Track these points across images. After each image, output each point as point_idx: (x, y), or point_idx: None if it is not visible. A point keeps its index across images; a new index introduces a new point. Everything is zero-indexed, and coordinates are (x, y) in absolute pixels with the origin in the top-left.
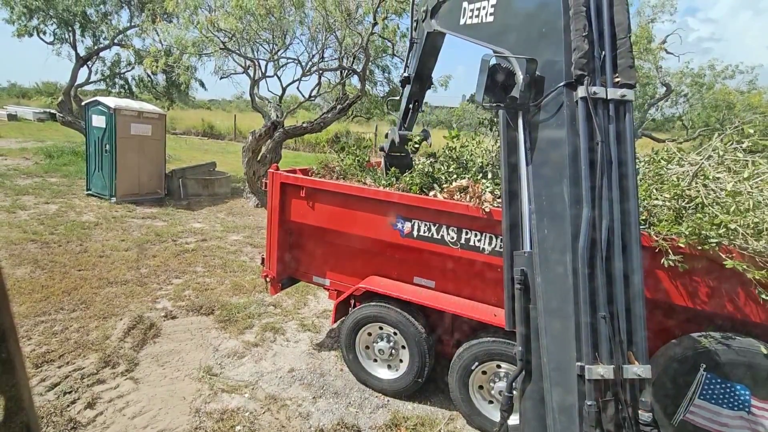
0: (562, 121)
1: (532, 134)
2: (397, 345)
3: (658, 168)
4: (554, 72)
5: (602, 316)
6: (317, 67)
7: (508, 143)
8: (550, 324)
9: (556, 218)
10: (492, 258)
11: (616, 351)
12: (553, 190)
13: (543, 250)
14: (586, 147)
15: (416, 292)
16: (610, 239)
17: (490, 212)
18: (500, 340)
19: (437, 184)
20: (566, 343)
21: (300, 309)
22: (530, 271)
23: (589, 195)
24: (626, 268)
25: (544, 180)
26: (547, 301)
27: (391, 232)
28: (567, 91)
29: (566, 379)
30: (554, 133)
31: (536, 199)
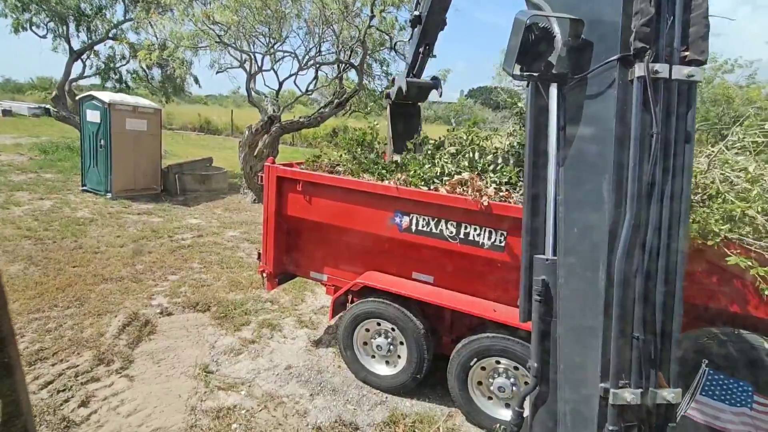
0: (610, 102)
1: (569, 113)
2: (396, 341)
3: None
4: (606, 39)
5: (636, 336)
6: (314, 61)
7: (536, 122)
8: (573, 339)
9: (590, 219)
10: (491, 253)
11: (645, 372)
12: (590, 185)
13: (571, 255)
14: (637, 138)
15: (415, 287)
16: (653, 250)
17: (489, 206)
18: (499, 336)
19: (439, 178)
20: (589, 362)
21: (297, 305)
22: (552, 281)
23: (635, 196)
24: (666, 284)
25: (579, 171)
26: (570, 314)
27: (389, 227)
28: (621, 67)
29: (586, 400)
30: (598, 117)
31: (567, 192)
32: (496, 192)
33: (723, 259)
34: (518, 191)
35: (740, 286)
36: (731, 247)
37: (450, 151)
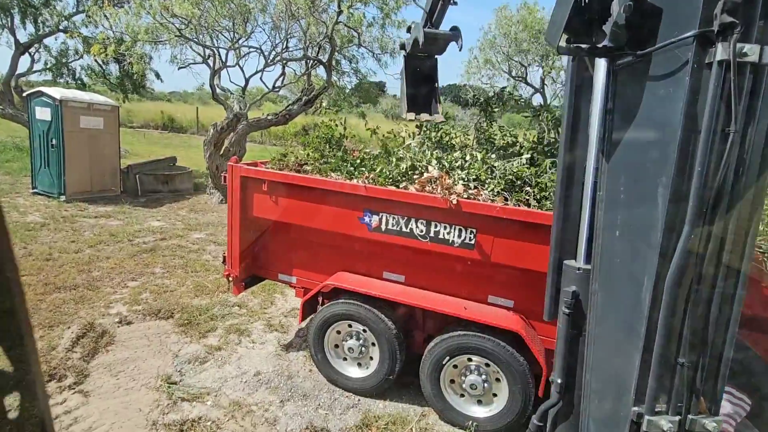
0: (678, 89)
1: (620, 97)
2: (367, 342)
3: None
4: (680, 10)
5: (681, 363)
6: (281, 57)
7: (575, 107)
8: (605, 358)
9: (636, 223)
10: (462, 251)
11: (686, 398)
12: (640, 184)
13: (610, 263)
14: (709, 136)
15: (385, 287)
16: (712, 269)
17: (458, 204)
18: (471, 334)
19: (408, 176)
20: (621, 382)
21: (267, 308)
22: (583, 291)
23: (698, 206)
24: (723, 306)
25: (627, 166)
26: (605, 330)
27: (358, 226)
28: (697, 46)
29: (615, 423)
30: (659, 104)
31: (610, 190)
32: (464, 189)
33: None
34: (487, 188)
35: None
36: None
37: (419, 148)
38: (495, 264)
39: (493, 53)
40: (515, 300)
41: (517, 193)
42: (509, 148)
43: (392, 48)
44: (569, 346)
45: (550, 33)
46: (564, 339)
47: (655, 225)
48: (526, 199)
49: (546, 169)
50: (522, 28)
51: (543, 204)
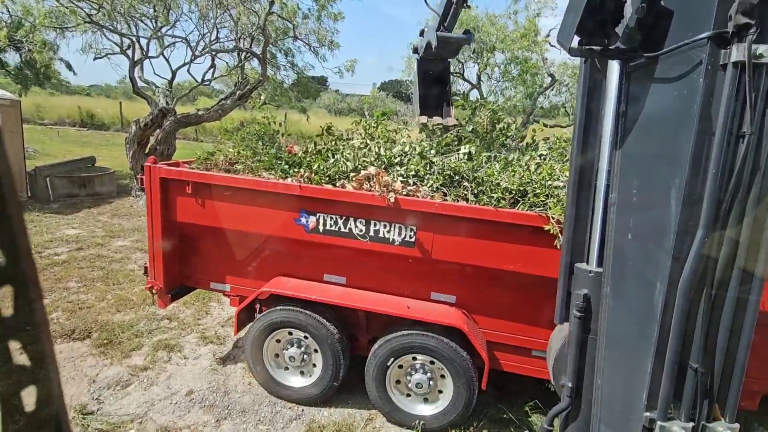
0: (692, 91)
1: (633, 99)
2: (309, 349)
3: (561, 149)
4: (694, 10)
5: (695, 368)
6: (210, 48)
7: (587, 109)
8: (617, 362)
9: (649, 226)
10: (402, 249)
11: (699, 404)
12: (653, 186)
13: (622, 267)
14: (723, 138)
15: (326, 290)
16: (727, 273)
17: (397, 201)
18: (415, 332)
19: (345, 173)
20: (633, 387)
21: (201, 319)
22: (595, 294)
23: (713, 210)
24: (738, 311)
25: (640, 169)
26: (616, 333)
27: (294, 228)
28: (712, 47)
29: (625, 428)
30: (672, 106)
31: (622, 192)
32: (403, 186)
33: None
34: (426, 184)
35: None
36: None
37: (355, 144)
38: (436, 261)
39: None
40: (457, 295)
41: (456, 188)
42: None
43: (330, 41)
44: (580, 348)
45: (562, 35)
46: (575, 342)
47: (668, 228)
48: (464, 194)
49: (482, 163)
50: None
51: (480, 199)
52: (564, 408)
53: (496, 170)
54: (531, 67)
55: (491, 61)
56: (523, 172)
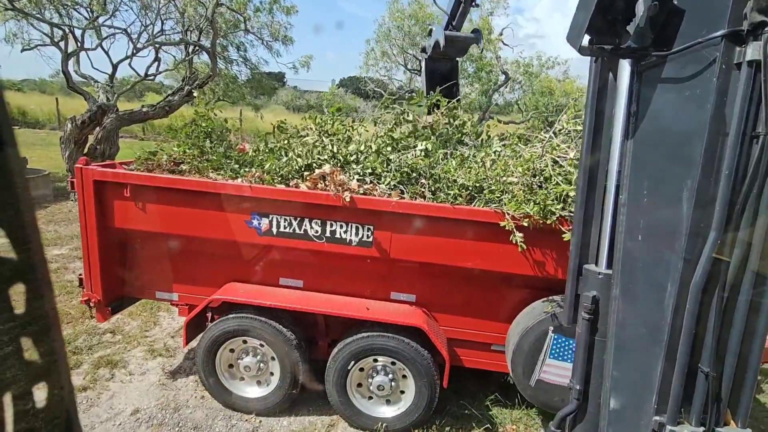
0: (705, 90)
1: (644, 99)
2: (266, 357)
3: (513, 146)
4: (707, 8)
5: (706, 372)
6: (153, 40)
7: (597, 108)
8: (625, 365)
9: (660, 227)
10: (360, 249)
11: (710, 408)
12: (665, 187)
13: (632, 268)
14: (738, 138)
15: (282, 295)
16: (739, 275)
17: (353, 201)
18: (375, 334)
19: (299, 173)
20: (642, 391)
21: (149, 331)
22: (604, 296)
23: (726, 212)
24: (751, 314)
25: (651, 169)
26: (625, 336)
27: (246, 231)
28: (726, 45)
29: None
30: (685, 106)
31: (633, 193)
32: (359, 185)
33: (559, 235)
34: (383, 182)
35: None
36: (565, 225)
37: (309, 141)
38: (394, 260)
39: (389, 46)
40: (417, 294)
41: (413, 185)
42: (405, 139)
43: (284, 35)
44: (588, 351)
45: (572, 34)
46: (583, 345)
47: (679, 230)
48: (421, 192)
49: (439, 160)
50: (414, 22)
51: (437, 196)
52: (572, 411)
53: (453, 167)
54: (485, 65)
55: None
56: (478, 168)
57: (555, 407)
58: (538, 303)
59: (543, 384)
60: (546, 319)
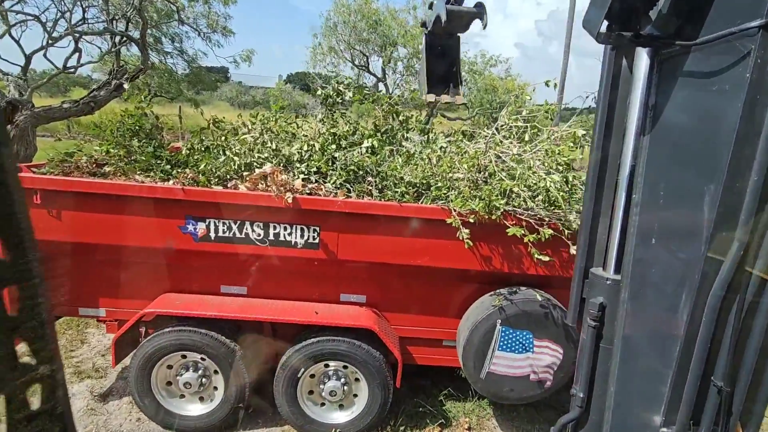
0: (738, 85)
1: (663, 92)
2: (209, 371)
3: (458, 142)
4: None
5: (719, 386)
6: (72, 29)
7: (609, 102)
8: (632, 374)
9: (677, 232)
10: (306, 251)
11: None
12: (684, 189)
13: (643, 273)
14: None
15: (224, 304)
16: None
17: (296, 201)
18: (325, 339)
19: (238, 173)
20: (649, 401)
21: (75, 350)
22: (612, 302)
23: (750, 221)
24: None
25: (669, 169)
26: (634, 345)
27: (181, 237)
28: (763, 37)
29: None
30: (711, 102)
31: (647, 194)
32: (304, 184)
33: (504, 230)
34: (330, 181)
35: (518, 251)
36: (509, 219)
37: (249, 139)
38: (343, 261)
39: (336, 41)
40: (367, 295)
41: (360, 184)
42: (350, 137)
43: (222, 27)
44: (592, 358)
45: (590, 19)
46: (588, 352)
47: (698, 234)
48: (368, 190)
49: (385, 157)
50: (360, 17)
51: (384, 194)
52: (573, 418)
53: (399, 164)
54: None
55: (395, 55)
56: (425, 165)
57: (505, 398)
58: (486, 297)
59: (493, 376)
60: (494, 312)
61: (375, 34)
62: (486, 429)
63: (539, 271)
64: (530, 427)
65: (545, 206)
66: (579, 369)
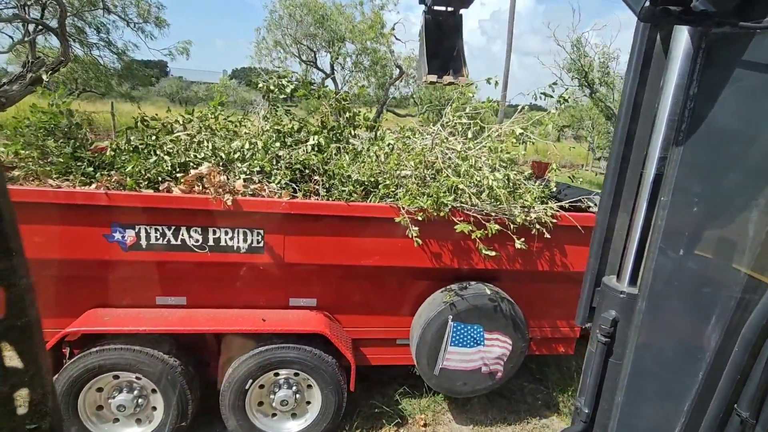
0: None
1: (711, 78)
2: (145, 391)
3: (405, 139)
4: None
5: (744, 417)
6: None
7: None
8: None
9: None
10: (250, 256)
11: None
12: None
13: (666, 286)
14: None
15: (160, 317)
16: None
17: (237, 203)
18: (274, 347)
19: (171, 174)
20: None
21: None
22: (625, 319)
23: None
24: None
25: (708, 168)
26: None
27: (107, 247)
28: None
29: None
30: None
31: (678, 194)
32: (245, 185)
33: (452, 226)
34: (274, 181)
35: (467, 246)
36: (457, 215)
37: (183, 138)
38: (290, 264)
39: (281, 35)
40: (317, 298)
41: (306, 183)
42: (295, 134)
43: (155, 17)
44: (600, 374)
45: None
46: (596, 369)
47: (740, 245)
48: (315, 189)
49: (332, 155)
50: (306, 11)
51: (332, 193)
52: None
53: (347, 162)
54: (380, 59)
55: (343, 51)
56: (372, 162)
57: (459, 392)
58: (437, 293)
59: (446, 371)
60: (445, 308)
61: (322, 29)
62: (442, 423)
63: (488, 266)
64: (483, 417)
65: (491, 202)
66: (584, 382)
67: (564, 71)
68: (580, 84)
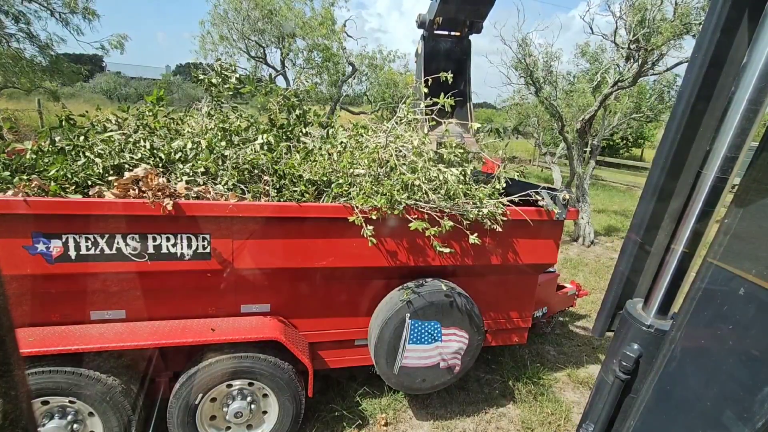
0: None
1: None
2: (81, 414)
3: (358, 137)
4: None
5: None
6: None
7: (717, 51)
8: None
9: None
10: (196, 263)
11: None
12: None
13: (709, 333)
14: None
15: (95, 334)
16: None
17: (178, 207)
18: (225, 357)
19: (102, 177)
20: None
21: None
22: (648, 354)
23: None
24: None
25: None
26: (674, 410)
27: (29, 260)
28: None
29: None
30: None
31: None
32: (189, 187)
33: (407, 224)
34: (220, 182)
35: (422, 243)
36: (411, 213)
37: (116, 137)
38: (240, 269)
39: (227, 30)
40: (271, 303)
41: (255, 184)
42: (242, 132)
43: (84, 7)
44: (615, 405)
45: None
46: (611, 404)
47: None
48: (265, 190)
49: (282, 154)
50: (253, 5)
51: (283, 194)
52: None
53: (298, 161)
54: (332, 56)
55: (294, 47)
56: (324, 161)
57: (418, 388)
58: (394, 292)
59: (406, 369)
60: (403, 307)
61: (271, 24)
62: (403, 421)
63: (443, 262)
64: (444, 411)
65: (445, 198)
66: (594, 411)
67: (512, 69)
68: (526, 82)
